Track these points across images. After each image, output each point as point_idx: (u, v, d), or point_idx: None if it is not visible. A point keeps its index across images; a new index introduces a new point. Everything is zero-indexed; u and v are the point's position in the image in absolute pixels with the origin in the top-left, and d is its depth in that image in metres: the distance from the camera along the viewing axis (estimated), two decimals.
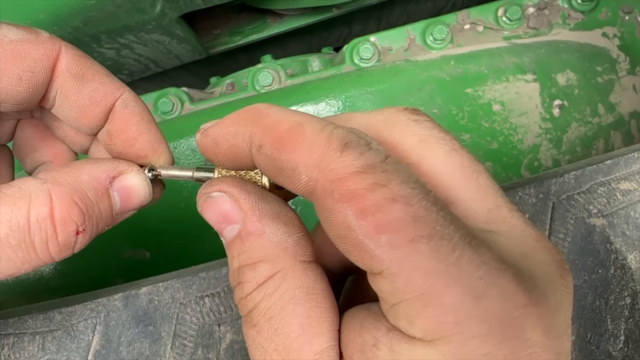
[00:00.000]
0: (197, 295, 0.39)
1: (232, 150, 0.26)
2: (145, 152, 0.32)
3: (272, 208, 0.26)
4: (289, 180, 0.23)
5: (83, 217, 0.28)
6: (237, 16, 0.82)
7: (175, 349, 0.38)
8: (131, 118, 0.32)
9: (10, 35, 0.28)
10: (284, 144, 0.23)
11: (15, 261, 0.26)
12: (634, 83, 0.67)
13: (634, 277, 0.39)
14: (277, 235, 0.25)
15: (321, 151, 0.22)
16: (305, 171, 0.23)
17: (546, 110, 0.65)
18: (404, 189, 0.22)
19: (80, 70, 0.30)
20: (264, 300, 0.24)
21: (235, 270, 0.26)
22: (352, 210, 0.21)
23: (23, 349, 0.38)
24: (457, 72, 0.64)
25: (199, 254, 0.64)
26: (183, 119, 0.66)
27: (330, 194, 0.22)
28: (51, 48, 0.29)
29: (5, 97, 0.29)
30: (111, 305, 0.39)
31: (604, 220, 0.40)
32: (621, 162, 0.42)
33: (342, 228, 0.22)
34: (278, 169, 0.24)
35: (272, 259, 0.25)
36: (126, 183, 0.31)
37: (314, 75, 0.66)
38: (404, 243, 0.21)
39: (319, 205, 0.23)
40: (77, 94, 0.31)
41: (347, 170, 0.22)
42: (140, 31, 0.62)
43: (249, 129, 0.25)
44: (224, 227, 0.26)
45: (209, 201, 0.27)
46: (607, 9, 0.68)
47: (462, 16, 0.67)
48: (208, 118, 0.64)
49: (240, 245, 0.26)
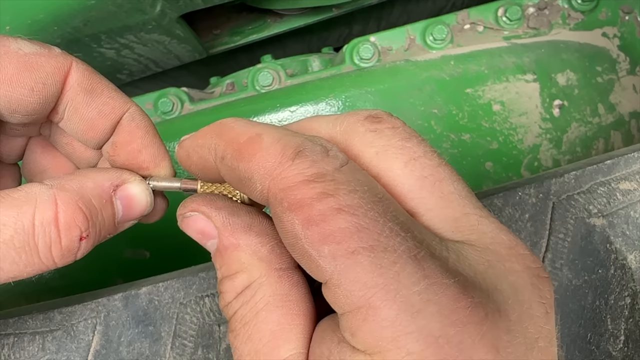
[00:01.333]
0: (197, 295, 0.39)
1: (201, 162, 0.27)
2: (148, 164, 0.33)
3: (244, 221, 0.27)
4: (247, 189, 0.24)
5: (87, 223, 0.28)
6: (237, 16, 0.82)
7: (175, 349, 0.38)
8: (137, 131, 0.33)
9: (25, 49, 0.29)
10: (242, 154, 0.24)
11: (18, 264, 0.27)
12: (634, 83, 0.67)
13: (634, 277, 0.39)
14: (250, 246, 0.26)
15: (274, 160, 0.23)
16: (260, 180, 0.23)
17: (546, 110, 0.65)
18: (350, 198, 0.21)
19: (91, 84, 0.32)
20: (241, 308, 0.26)
21: (219, 281, 0.27)
22: (298, 220, 0.21)
23: (23, 349, 0.38)
24: (457, 72, 0.64)
25: (199, 254, 0.63)
26: (183, 119, 0.66)
27: (280, 202, 0.22)
28: (63, 62, 0.30)
29: (16, 107, 0.30)
30: (111, 305, 0.39)
31: (604, 220, 0.40)
32: (621, 162, 0.42)
33: (290, 237, 0.22)
34: (238, 178, 0.24)
35: (249, 269, 0.26)
36: (129, 192, 0.32)
37: (314, 75, 0.66)
38: (345, 254, 0.21)
39: (272, 213, 0.23)
40: (87, 107, 0.32)
41: (297, 178, 0.22)
42: (140, 31, 0.62)
43: (214, 141, 0.26)
44: (205, 242, 0.28)
45: (186, 220, 0.29)
46: (607, 9, 0.68)
47: (462, 16, 0.67)
48: (208, 118, 0.64)
49: (220, 258, 0.27)
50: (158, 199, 0.35)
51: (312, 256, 0.21)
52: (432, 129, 0.62)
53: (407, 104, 0.62)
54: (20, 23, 0.54)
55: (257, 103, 0.64)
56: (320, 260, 0.21)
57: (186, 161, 0.29)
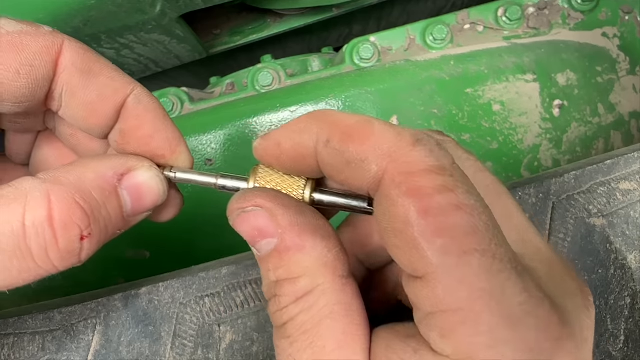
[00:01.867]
0: (197, 295, 0.39)
1: (296, 150, 0.26)
2: (163, 150, 0.30)
3: (311, 222, 0.25)
4: (357, 172, 0.23)
5: (87, 219, 0.25)
6: (237, 16, 0.82)
7: (175, 349, 0.38)
8: (146, 114, 0.29)
9: (8, 28, 0.26)
10: (352, 137, 0.23)
11: (11, 270, 0.24)
12: (634, 83, 0.67)
13: (634, 277, 0.39)
14: (316, 250, 0.24)
15: (392, 143, 0.22)
16: (376, 161, 0.22)
17: (546, 110, 0.65)
18: (468, 198, 0.21)
19: (87, 64, 0.28)
20: (302, 314, 0.24)
21: (271, 283, 0.25)
22: (415, 207, 0.21)
23: (23, 349, 0.38)
24: (457, 72, 0.64)
25: (199, 254, 0.64)
26: (183, 119, 0.66)
27: (398, 185, 0.22)
28: (52, 41, 0.27)
29: (3, 94, 0.26)
30: (111, 305, 0.39)
31: (604, 220, 0.40)
32: (621, 162, 0.42)
33: (400, 222, 0.21)
34: (345, 161, 0.24)
35: (312, 274, 0.24)
36: (137, 180, 0.28)
37: (314, 75, 0.66)
38: (457, 252, 0.20)
39: (382, 195, 0.22)
40: (85, 90, 0.28)
41: (418, 166, 0.22)
42: (140, 31, 0.62)
43: (316, 125, 0.25)
44: (258, 240, 0.26)
45: (243, 216, 0.26)
46: (607, 9, 0.68)
47: (462, 16, 0.67)
48: (208, 118, 0.64)
49: (277, 259, 0.25)
50: (173, 192, 0.31)
51: (420, 246, 0.21)
52: (432, 128, 0.62)
53: (407, 104, 0.62)
54: None
55: (257, 103, 0.64)
56: (429, 252, 0.21)
57: (275, 150, 0.26)
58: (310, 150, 0.25)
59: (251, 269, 0.39)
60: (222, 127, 0.63)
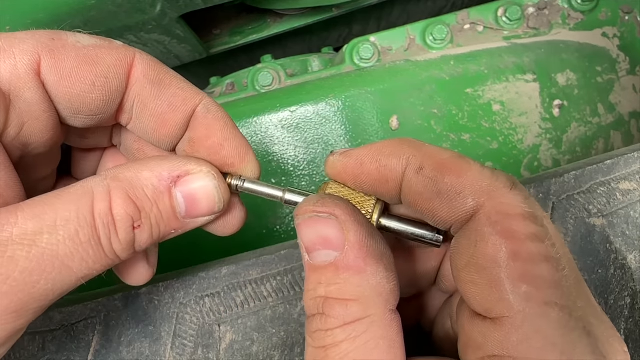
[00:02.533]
0: (197, 295, 0.39)
1: (380, 172, 0.26)
2: (232, 159, 0.30)
3: (378, 248, 0.25)
4: (447, 203, 0.24)
5: (138, 212, 0.27)
6: (237, 16, 0.82)
7: (175, 349, 0.38)
8: (215, 123, 0.30)
9: (83, 42, 0.27)
10: (448, 169, 0.24)
11: (87, 261, 0.25)
12: (634, 83, 0.67)
13: (634, 277, 0.39)
14: (376, 278, 0.24)
15: (490, 181, 0.23)
16: (473, 195, 0.23)
17: (546, 110, 0.65)
18: (555, 252, 0.22)
19: (158, 75, 0.29)
20: (347, 342, 0.23)
21: (319, 298, 0.24)
22: (506, 249, 0.21)
23: (23, 348, 0.38)
24: (457, 72, 0.64)
25: (199, 254, 0.63)
26: None
27: (493, 224, 0.22)
28: (125, 54, 0.28)
29: (79, 106, 0.28)
30: (111, 305, 0.39)
31: (604, 220, 0.40)
32: (621, 162, 0.42)
33: (487, 259, 0.22)
34: (437, 191, 0.24)
35: (366, 302, 0.24)
36: (192, 185, 0.28)
37: (314, 75, 0.66)
38: (538, 302, 0.21)
39: (473, 229, 0.23)
40: (156, 101, 0.29)
41: (515, 209, 0.22)
42: (140, 31, 0.62)
43: (408, 152, 0.25)
44: (318, 249, 0.25)
45: (314, 219, 0.25)
46: (607, 9, 0.68)
47: (462, 16, 0.67)
48: None
49: (333, 274, 0.24)
50: (236, 203, 0.31)
51: (502, 287, 0.21)
52: (432, 129, 0.62)
53: (407, 104, 0.62)
54: (20, 23, 0.54)
55: (257, 103, 0.64)
56: (511, 296, 0.21)
57: (356, 169, 0.26)
58: (396, 174, 0.25)
59: (251, 269, 0.39)
60: None
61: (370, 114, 0.62)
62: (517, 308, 0.21)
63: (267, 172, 0.62)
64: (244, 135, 0.31)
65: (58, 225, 0.24)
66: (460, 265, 0.23)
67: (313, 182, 0.61)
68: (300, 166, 0.62)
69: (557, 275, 0.21)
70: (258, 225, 0.61)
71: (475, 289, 0.22)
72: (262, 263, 0.39)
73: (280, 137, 0.62)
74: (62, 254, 0.24)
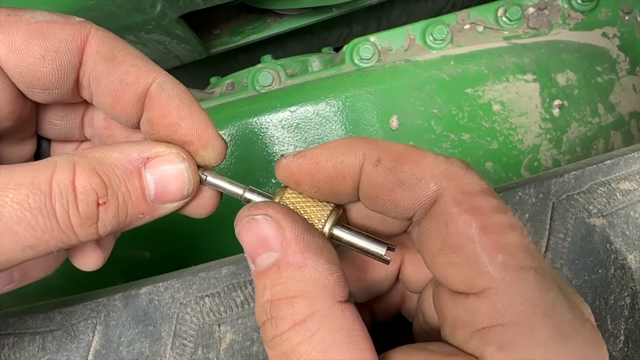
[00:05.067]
0: (197, 295, 0.39)
1: (337, 169, 0.26)
2: (190, 137, 0.30)
3: (317, 242, 0.25)
4: (410, 190, 0.24)
5: (105, 188, 0.26)
6: (237, 16, 0.82)
7: (175, 349, 0.38)
8: (170, 102, 0.29)
9: (37, 17, 0.27)
10: (405, 158, 0.25)
11: (35, 228, 0.25)
12: (634, 83, 0.67)
13: (634, 277, 0.39)
14: (318, 271, 0.24)
15: (446, 166, 0.24)
16: (434, 180, 0.24)
17: (546, 110, 0.65)
18: (516, 220, 0.23)
19: (111, 52, 0.29)
20: (304, 344, 0.23)
21: (266, 303, 0.24)
22: (477, 224, 0.22)
23: (23, 349, 0.38)
24: (457, 72, 0.64)
25: (199, 254, 0.64)
26: None
27: (459, 203, 0.23)
28: (79, 30, 0.28)
29: (32, 80, 0.28)
30: (111, 305, 0.39)
31: (604, 220, 0.40)
32: (621, 162, 0.42)
33: (460, 238, 0.23)
34: (397, 181, 0.25)
35: (311, 296, 0.23)
36: (162, 166, 0.28)
37: (314, 75, 0.66)
38: (515, 268, 0.22)
39: (440, 212, 0.23)
40: (108, 77, 0.29)
41: (474, 187, 0.23)
42: (140, 31, 0.62)
43: (364, 147, 0.26)
44: (259, 253, 0.25)
45: (251, 223, 0.25)
46: (607, 9, 0.68)
47: (462, 16, 0.67)
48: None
49: (276, 275, 0.24)
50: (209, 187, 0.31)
51: (480, 261, 0.22)
52: (432, 129, 0.62)
53: (407, 104, 0.62)
54: None
55: (257, 103, 0.64)
56: (490, 267, 0.22)
57: (311, 169, 0.26)
58: (353, 169, 0.26)
59: None
60: (222, 127, 0.63)
61: (370, 114, 0.62)
62: (497, 278, 0.22)
63: (267, 172, 0.62)
64: (204, 112, 0.30)
65: (8, 188, 0.24)
66: (434, 249, 0.24)
67: None
68: None
69: (525, 240, 0.23)
70: None
71: (453, 269, 0.23)
72: None
73: (280, 137, 0.62)
74: (7, 216, 0.24)
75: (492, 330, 0.22)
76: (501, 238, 0.22)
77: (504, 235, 0.22)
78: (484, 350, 0.22)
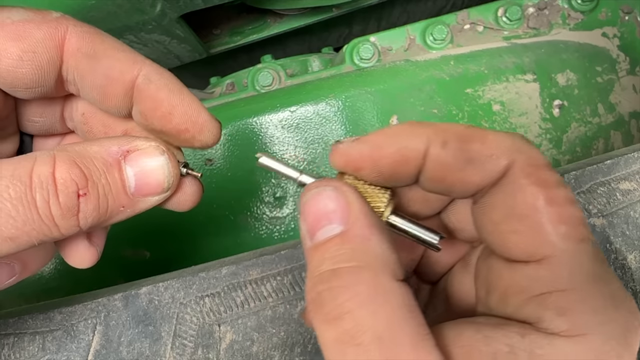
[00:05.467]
0: (197, 295, 0.39)
1: (401, 153, 0.26)
2: (185, 124, 0.29)
3: (379, 222, 0.25)
4: (479, 167, 0.25)
5: (85, 179, 0.26)
6: (237, 16, 0.82)
7: (175, 349, 0.38)
8: (158, 93, 0.29)
9: (13, 17, 0.27)
10: (469, 138, 0.26)
11: (15, 219, 0.25)
12: (633, 83, 0.67)
13: (634, 277, 0.39)
14: (382, 248, 0.24)
15: (511, 141, 0.25)
16: (504, 155, 0.25)
17: (546, 110, 0.65)
18: (574, 195, 0.25)
19: (92, 48, 0.29)
20: (368, 317, 0.22)
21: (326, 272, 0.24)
22: (543, 195, 0.24)
23: (23, 349, 0.38)
24: (457, 72, 0.64)
25: (199, 254, 0.64)
26: None
27: (527, 175, 0.24)
28: (56, 27, 0.28)
29: (12, 80, 0.27)
30: (111, 305, 0.39)
31: (604, 220, 0.40)
32: (621, 162, 0.42)
33: (527, 208, 0.24)
34: (466, 159, 0.26)
35: (375, 270, 0.23)
36: (142, 159, 0.28)
37: (314, 75, 0.66)
38: (576, 239, 0.23)
39: (510, 183, 0.25)
40: (93, 74, 0.29)
41: (540, 161, 0.25)
42: (140, 31, 0.62)
43: (427, 131, 0.26)
44: (323, 225, 0.25)
45: (321, 194, 0.25)
46: (607, 9, 0.68)
47: (462, 16, 0.67)
48: None
49: (339, 246, 0.24)
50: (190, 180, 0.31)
51: (545, 230, 0.24)
52: None
53: (407, 104, 0.62)
54: None
55: (257, 103, 0.64)
56: (553, 236, 0.23)
57: (373, 154, 0.26)
58: (417, 153, 0.26)
59: (251, 269, 0.39)
60: (222, 127, 0.63)
61: (370, 114, 0.62)
62: (560, 247, 0.23)
63: (267, 172, 0.62)
64: (194, 97, 0.30)
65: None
66: (497, 219, 0.25)
67: None
68: (300, 166, 0.62)
69: (582, 214, 0.24)
70: (257, 226, 0.61)
71: (517, 236, 0.24)
72: (262, 263, 0.39)
73: (280, 137, 0.62)
74: None
75: (552, 296, 0.23)
76: (564, 210, 0.24)
77: (566, 208, 0.24)
78: (543, 315, 0.23)
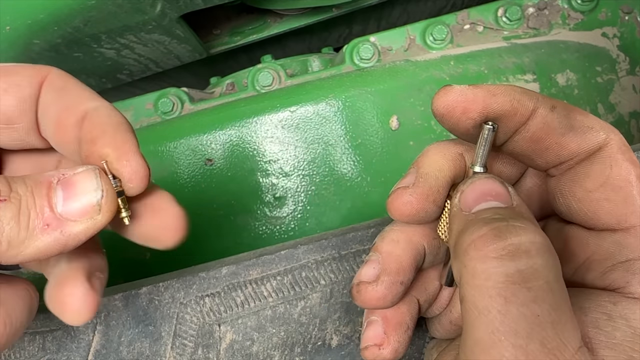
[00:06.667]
0: (197, 295, 0.39)
1: (513, 105, 0.28)
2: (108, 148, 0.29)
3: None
4: (580, 136, 0.28)
5: (8, 189, 0.26)
6: (237, 16, 0.82)
7: (175, 349, 0.38)
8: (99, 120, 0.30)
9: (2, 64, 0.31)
10: (575, 109, 0.29)
11: None
12: (633, 83, 0.68)
13: None
14: (540, 232, 0.25)
15: (606, 122, 0.29)
16: (604, 130, 0.28)
17: None
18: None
19: (64, 83, 0.31)
20: (544, 267, 0.23)
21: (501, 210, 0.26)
22: (635, 172, 0.28)
23: (23, 348, 0.38)
24: (457, 72, 0.64)
25: (199, 254, 0.64)
26: (183, 119, 0.66)
27: (623, 152, 0.28)
28: (40, 69, 0.31)
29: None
30: (111, 305, 0.39)
31: None
32: None
33: (621, 180, 0.28)
34: (571, 126, 0.28)
35: (541, 240, 0.25)
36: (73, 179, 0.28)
37: (314, 75, 0.66)
38: None
39: (607, 156, 0.28)
40: (55, 104, 0.31)
41: (627, 145, 0.29)
42: (140, 31, 0.62)
43: (536, 94, 0.29)
44: (487, 198, 0.27)
45: (486, 181, 0.28)
46: (607, 9, 0.68)
47: (462, 16, 0.67)
48: (208, 118, 0.64)
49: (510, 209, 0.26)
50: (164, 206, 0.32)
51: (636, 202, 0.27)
52: (432, 129, 0.62)
53: (407, 104, 0.62)
54: (20, 23, 0.54)
55: (257, 103, 0.64)
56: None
57: (489, 99, 0.28)
58: (526, 110, 0.28)
59: (251, 268, 0.39)
60: (222, 127, 0.63)
61: (370, 114, 0.62)
62: None
63: (267, 172, 0.62)
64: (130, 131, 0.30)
65: None
66: (591, 187, 0.28)
67: (313, 182, 0.61)
68: (300, 166, 0.62)
69: None
70: (257, 226, 0.61)
71: (609, 204, 0.28)
72: (262, 263, 0.39)
73: (280, 137, 0.62)
74: None
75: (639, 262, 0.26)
76: None
77: None
78: (631, 279, 0.26)
